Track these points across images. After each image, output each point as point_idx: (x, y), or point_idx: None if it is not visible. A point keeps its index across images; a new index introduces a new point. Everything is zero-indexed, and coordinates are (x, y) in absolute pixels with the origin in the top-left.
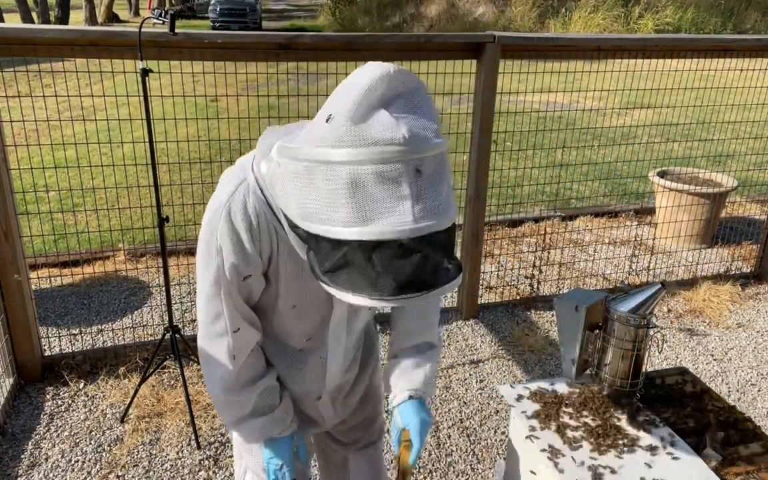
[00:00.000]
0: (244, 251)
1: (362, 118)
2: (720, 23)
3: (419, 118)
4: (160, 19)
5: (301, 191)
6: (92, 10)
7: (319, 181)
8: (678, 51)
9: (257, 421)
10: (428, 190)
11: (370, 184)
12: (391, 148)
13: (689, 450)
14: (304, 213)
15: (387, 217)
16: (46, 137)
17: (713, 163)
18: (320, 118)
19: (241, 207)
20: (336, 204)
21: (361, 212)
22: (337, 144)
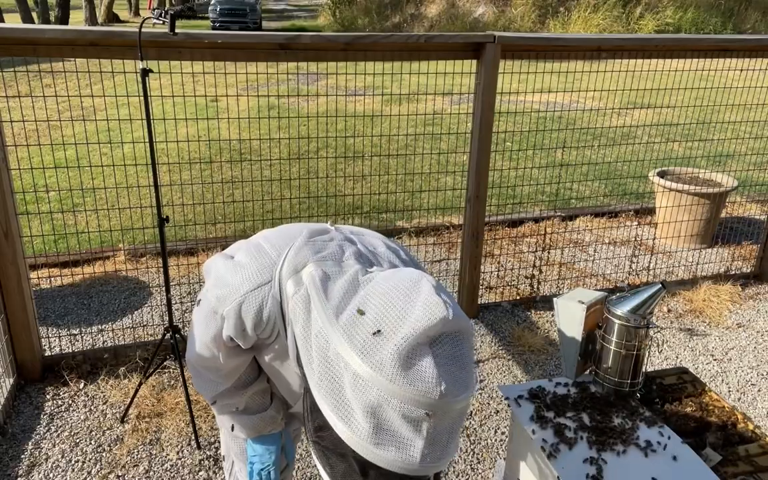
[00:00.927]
0: (244, 334)
1: (408, 360)
2: (720, 23)
3: (459, 369)
4: (160, 19)
5: (325, 366)
6: (92, 10)
7: (345, 378)
8: (678, 51)
9: (250, 418)
10: (442, 439)
11: (393, 418)
12: (426, 399)
13: (689, 450)
14: (320, 386)
15: (397, 451)
16: (46, 137)
17: (713, 163)
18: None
19: (255, 310)
20: (354, 413)
21: (375, 436)
22: (377, 367)
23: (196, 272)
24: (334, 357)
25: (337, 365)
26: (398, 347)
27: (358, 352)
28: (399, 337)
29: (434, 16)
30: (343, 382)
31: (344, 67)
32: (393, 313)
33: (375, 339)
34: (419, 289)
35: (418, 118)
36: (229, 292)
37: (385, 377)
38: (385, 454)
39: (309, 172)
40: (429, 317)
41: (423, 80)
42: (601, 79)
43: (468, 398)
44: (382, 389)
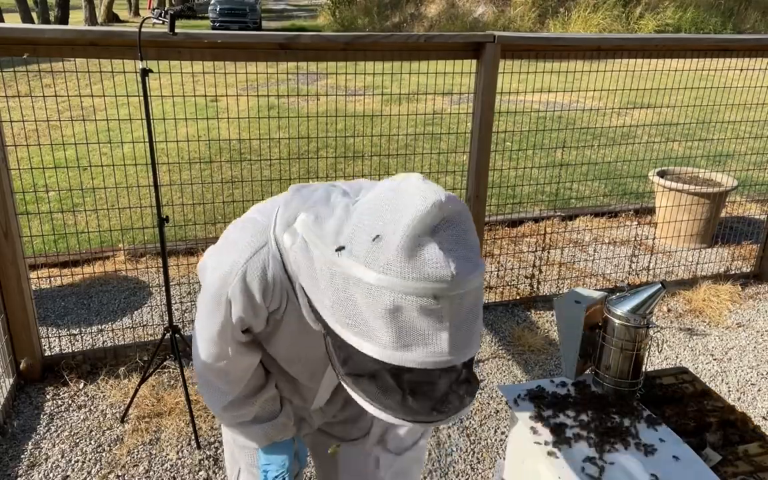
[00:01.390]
0: (254, 307)
1: (413, 251)
2: (720, 23)
3: (465, 249)
4: (160, 19)
5: (336, 296)
6: (92, 10)
7: (358, 296)
8: (678, 51)
9: (261, 426)
10: (465, 322)
11: (412, 315)
12: (440, 285)
13: (689, 450)
14: (337, 318)
15: (424, 347)
16: (46, 137)
17: (713, 163)
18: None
19: (259, 273)
20: (374, 325)
21: (400, 339)
22: (385, 269)
23: (196, 272)
24: (342, 282)
25: (347, 287)
26: (400, 242)
27: (362, 263)
28: (398, 233)
29: (434, 16)
30: (356, 301)
31: (344, 67)
32: (387, 216)
33: (376, 244)
34: (407, 184)
35: (417, 118)
36: (229, 268)
37: (395, 276)
38: (414, 355)
39: (309, 172)
40: (423, 205)
41: (423, 80)
42: (601, 79)
43: (480, 276)
44: (395, 290)
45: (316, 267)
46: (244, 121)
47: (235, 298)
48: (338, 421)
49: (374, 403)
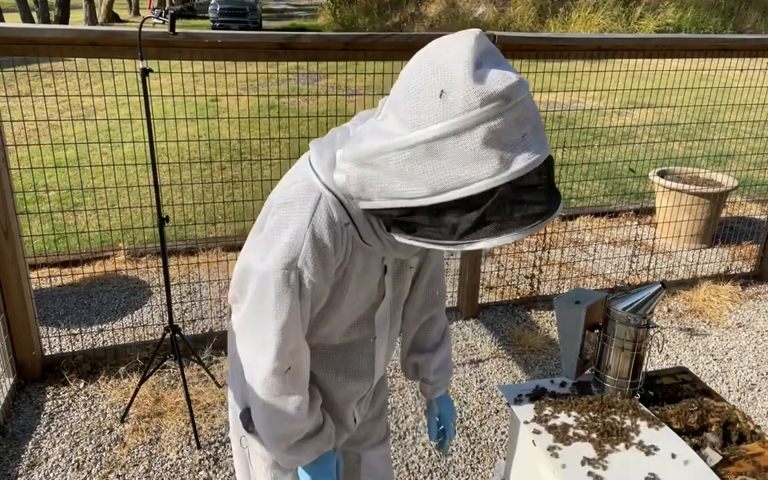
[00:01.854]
0: (327, 265)
1: (480, 79)
2: (720, 23)
3: (507, 64)
4: (160, 19)
5: (423, 172)
6: (92, 10)
7: (449, 153)
8: (678, 51)
9: (310, 442)
10: (537, 121)
11: (504, 133)
12: (511, 91)
13: (689, 450)
14: (434, 189)
15: (521, 155)
16: (46, 137)
17: (713, 163)
18: (420, 100)
19: (327, 223)
20: (476, 164)
21: (503, 160)
22: (464, 110)
23: (196, 272)
24: (423, 154)
25: (434, 155)
26: (467, 81)
27: (439, 119)
28: (460, 73)
29: (434, 15)
30: (449, 160)
31: (344, 66)
32: (437, 74)
33: (444, 98)
34: (433, 46)
35: None
36: (293, 239)
37: (476, 108)
38: (519, 165)
39: None
40: (467, 39)
41: None
42: (601, 79)
43: (528, 87)
44: (481, 121)
45: (388, 171)
46: (244, 121)
47: (307, 263)
48: (363, 422)
49: (496, 235)
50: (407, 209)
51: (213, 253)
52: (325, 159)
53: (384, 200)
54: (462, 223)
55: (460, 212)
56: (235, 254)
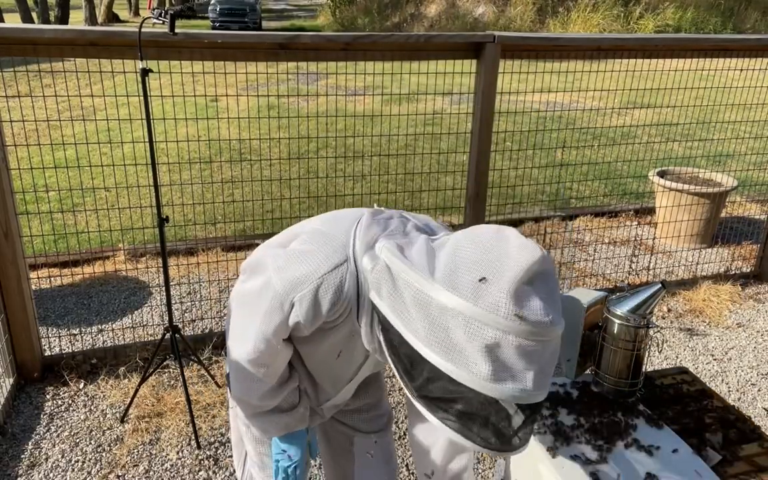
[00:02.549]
0: (317, 317)
1: (520, 297)
2: (720, 23)
3: (554, 302)
4: (160, 19)
5: (429, 321)
6: (92, 10)
7: (458, 328)
8: (678, 51)
9: (279, 416)
10: (548, 365)
11: (510, 353)
12: (539, 330)
13: (689, 450)
14: (428, 340)
15: (514, 383)
16: (46, 137)
17: (713, 163)
18: (463, 270)
19: (334, 288)
20: (471, 356)
21: (495, 373)
22: (491, 309)
23: (196, 272)
24: (438, 312)
25: (444, 318)
26: (509, 287)
27: (469, 299)
28: (507, 278)
29: (434, 15)
30: (452, 332)
31: (344, 67)
32: (492, 260)
33: (482, 285)
34: (506, 235)
35: (417, 118)
36: (304, 277)
37: (502, 316)
38: (503, 388)
39: (309, 172)
40: (530, 257)
41: (423, 80)
42: (601, 79)
43: (563, 328)
44: (499, 329)
45: (404, 293)
46: (244, 121)
47: (302, 305)
48: (351, 410)
49: (452, 426)
50: (400, 335)
51: (213, 253)
52: (370, 235)
53: (388, 312)
54: (432, 387)
55: (437, 378)
56: (235, 254)
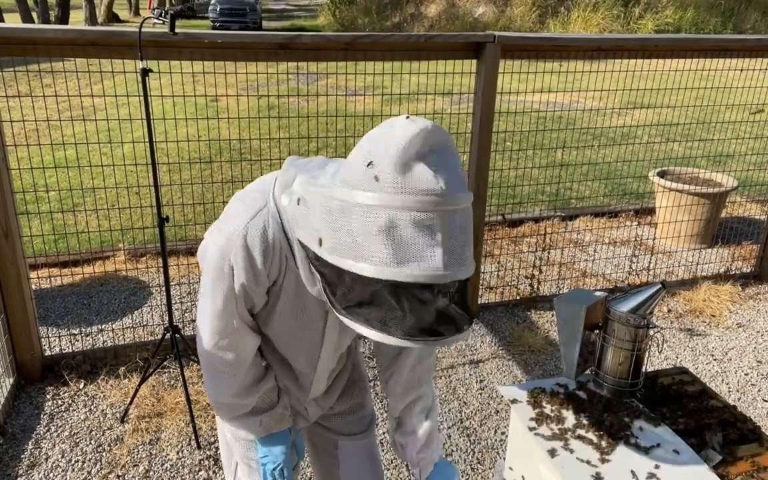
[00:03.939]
0: (255, 271)
1: (404, 168)
2: (720, 23)
3: (452, 171)
4: (160, 19)
5: (332, 227)
6: (92, 10)
7: (355, 221)
8: (678, 51)
9: (257, 418)
10: (457, 241)
11: (407, 231)
12: (430, 198)
13: (689, 450)
14: (334, 248)
15: (420, 263)
16: (46, 137)
17: (713, 163)
18: (356, 162)
19: (260, 232)
20: (371, 245)
21: (396, 255)
22: (378, 189)
23: (196, 272)
24: (338, 212)
25: (343, 216)
26: (392, 161)
27: (358, 187)
28: (390, 154)
29: (434, 15)
30: (353, 226)
31: (344, 67)
32: (378, 144)
33: (369, 169)
34: (394, 121)
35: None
36: (232, 232)
37: (389, 192)
38: (410, 270)
39: None
40: (412, 129)
41: (423, 80)
42: (601, 79)
43: (468, 199)
44: (389, 206)
45: (312, 212)
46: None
47: (237, 263)
48: (335, 413)
49: (375, 327)
50: (317, 255)
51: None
52: (287, 176)
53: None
54: (349, 295)
55: (348, 283)
56: None
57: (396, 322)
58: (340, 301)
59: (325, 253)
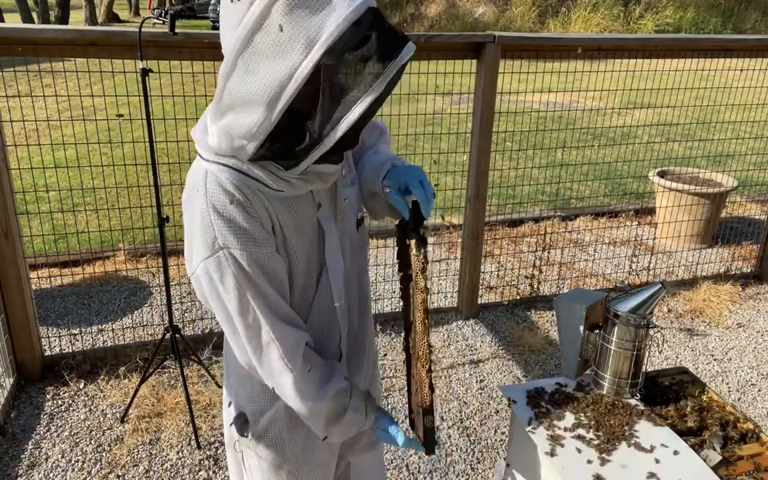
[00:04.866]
0: (248, 233)
1: None
2: (720, 23)
3: None
4: (160, 19)
5: (261, 57)
6: (92, 10)
7: (262, 52)
8: (678, 51)
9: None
10: None
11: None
12: None
13: (689, 450)
14: (268, 102)
15: (330, 16)
16: (46, 137)
17: (713, 163)
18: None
19: (222, 191)
20: (289, 48)
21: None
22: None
23: None
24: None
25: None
26: None
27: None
28: None
29: (434, 16)
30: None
31: None
32: None
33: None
34: None
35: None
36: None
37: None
38: (330, 27)
39: None
40: None
41: (423, 80)
42: (601, 79)
43: None
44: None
45: (234, 103)
46: None
47: (227, 239)
48: None
49: (358, 101)
50: (270, 135)
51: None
52: (199, 133)
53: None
54: (317, 121)
55: (305, 113)
56: None
57: (366, 76)
58: (321, 128)
59: (280, 94)
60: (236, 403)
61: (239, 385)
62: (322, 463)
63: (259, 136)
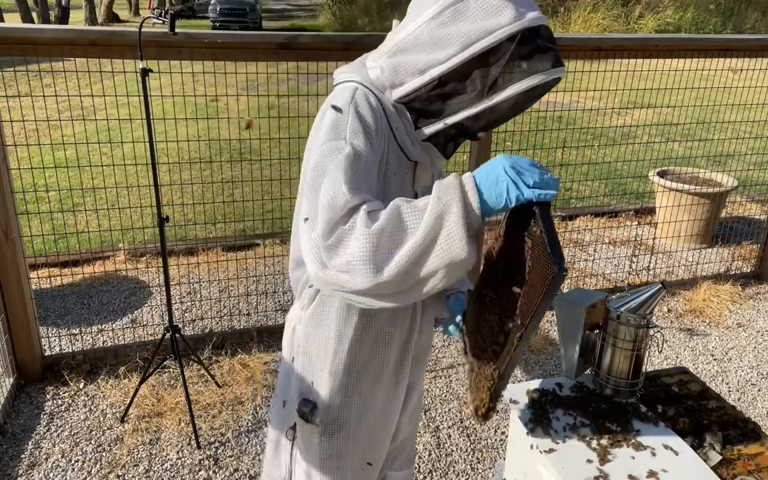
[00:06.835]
0: (372, 144)
1: None
2: (720, 23)
3: None
4: (160, 19)
5: (452, 33)
6: (92, 10)
7: (472, 7)
8: (678, 51)
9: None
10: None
11: None
12: None
13: (689, 450)
14: (464, 43)
15: (532, 12)
16: (46, 137)
17: (713, 163)
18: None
19: (366, 102)
20: (496, 15)
21: (519, 12)
22: None
23: (196, 272)
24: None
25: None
26: None
27: None
28: None
29: None
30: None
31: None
32: None
33: None
34: None
35: None
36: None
37: None
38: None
39: None
40: None
41: None
42: (601, 79)
43: None
44: None
45: (419, 46)
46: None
47: (356, 134)
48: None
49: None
50: (439, 80)
51: (213, 253)
52: (354, 67)
53: (415, 77)
54: (491, 74)
55: (488, 65)
56: (235, 254)
57: (534, 63)
58: (479, 95)
59: (454, 60)
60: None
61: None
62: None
63: (423, 77)
